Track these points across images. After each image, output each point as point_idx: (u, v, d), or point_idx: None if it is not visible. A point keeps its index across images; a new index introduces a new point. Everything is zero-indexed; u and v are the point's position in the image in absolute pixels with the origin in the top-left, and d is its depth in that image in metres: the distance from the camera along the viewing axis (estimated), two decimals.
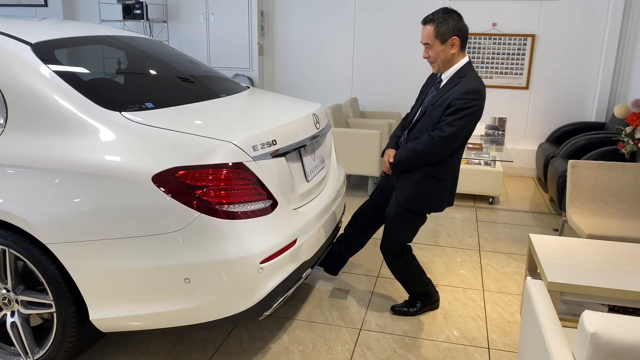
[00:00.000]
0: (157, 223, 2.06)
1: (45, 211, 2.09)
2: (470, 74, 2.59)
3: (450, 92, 2.56)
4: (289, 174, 2.46)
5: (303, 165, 2.66)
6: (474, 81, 2.56)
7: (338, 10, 6.29)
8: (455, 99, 2.52)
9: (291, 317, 2.93)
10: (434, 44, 2.56)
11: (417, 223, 2.82)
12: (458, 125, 2.53)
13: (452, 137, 2.54)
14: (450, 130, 2.53)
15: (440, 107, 2.59)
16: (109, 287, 2.13)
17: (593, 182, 3.38)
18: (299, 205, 2.56)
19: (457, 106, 2.52)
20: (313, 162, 2.79)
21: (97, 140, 2.11)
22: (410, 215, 2.76)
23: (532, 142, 6.06)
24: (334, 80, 6.55)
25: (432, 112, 2.63)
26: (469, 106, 2.51)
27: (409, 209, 2.74)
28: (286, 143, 2.44)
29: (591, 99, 5.80)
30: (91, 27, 2.98)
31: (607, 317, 1.40)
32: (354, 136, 5.10)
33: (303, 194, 2.60)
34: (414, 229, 2.83)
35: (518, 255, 3.83)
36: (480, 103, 2.54)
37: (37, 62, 2.25)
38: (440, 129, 2.56)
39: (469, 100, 2.51)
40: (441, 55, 2.58)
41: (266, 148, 2.29)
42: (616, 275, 2.38)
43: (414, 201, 2.72)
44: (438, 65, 2.63)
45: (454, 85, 2.58)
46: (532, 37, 5.77)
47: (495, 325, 2.90)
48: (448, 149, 2.60)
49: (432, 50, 2.58)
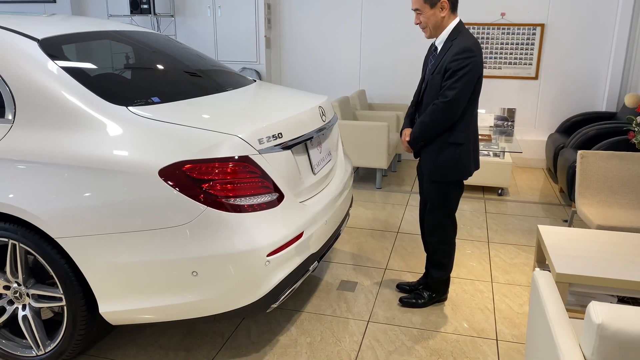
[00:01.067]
0: (165, 217, 2.07)
1: (54, 206, 2.11)
2: (462, 35, 2.60)
3: (445, 57, 2.59)
4: (295, 166, 2.47)
5: (309, 158, 2.66)
6: (464, 40, 2.57)
7: (345, 2, 6.26)
8: (450, 62, 2.55)
9: (299, 309, 2.95)
10: (423, 9, 2.59)
11: (453, 193, 2.80)
12: (458, 87, 2.54)
13: (455, 100, 2.55)
14: (452, 94, 2.54)
15: (439, 74, 2.61)
16: (118, 280, 2.15)
17: (603, 173, 3.35)
18: (305, 198, 2.56)
19: (453, 68, 2.54)
20: (320, 155, 2.78)
21: (104, 135, 2.13)
22: (442, 187, 2.76)
23: (541, 132, 6.01)
24: (341, 72, 6.53)
25: (432, 81, 2.65)
26: (464, 65, 2.52)
27: (441, 181, 2.74)
28: (292, 136, 2.44)
29: (602, 88, 5.74)
30: (98, 23, 2.99)
31: (613, 308, 1.39)
32: (361, 128, 5.09)
33: (310, 186, 2.60)
34: (455, 199, 2.81)
35: (527, 247, 3.81)
36: (475, 59, 2.54)
37: (45, 57, 2.27)
38: (442, 95, 2.58)
39: (463, 59, 2.52)
40: (432, 19, 2.60)
41: (272, 141, 2.30)
42: (625, 266, 2.36)
43: (441, 172, 2.72)
44: (430, 30, 2.64)
45: (448, 49, 2.60)
46: (541, 27, 5.70)
47: (503, 316, 2.89)
48: (456, 113, 2.60)
49: (423, 15, 2.60)
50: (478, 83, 2.62)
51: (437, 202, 2.79)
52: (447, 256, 2.91)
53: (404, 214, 4.48)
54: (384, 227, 4.19)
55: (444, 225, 2.84)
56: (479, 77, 2.61)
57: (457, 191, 2.81)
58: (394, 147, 5.47)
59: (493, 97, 6.02)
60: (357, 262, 3.55)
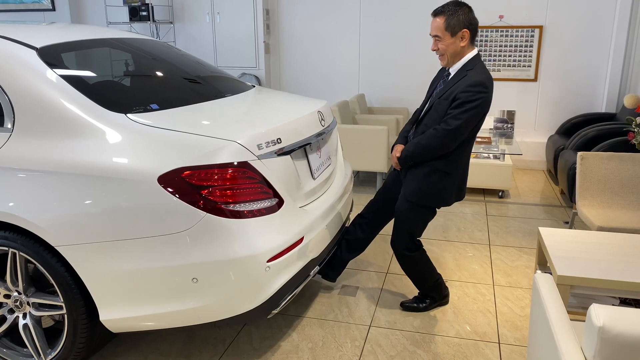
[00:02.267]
0: (164, 223, 2.07)
1: (54, 214, 2.11)
2: (478, 67, 2.57)
3: (457, 86, 2.55)
4: (294, 172, 2.47)
5: (309, 163, 2.66)
6: (480, 74, 2.53)
7: (343, 7, 6.28)
8: (461, 92, 2.51)
9: (301, 314, 2.94)
10: (443, 37, 2.54)
11: (426, 217, 2.80)
12: (463, 119, 2.51)
13: (457, 130, 2.53)
14: (456, 124, 2.52)
15: (446, 101, 2.58)
16: (118, 287, 2.15)
17: (603, 174, 3.34)
18: (305, 203, 2.56)
19: (463, 99, 2.50)
20: (319, 160, 2.78)
21: (103, 143, 2.13)
22: (418, 210, 2.75)
23: (541, 134, 6.01)
24: (341, 76, 6.54)
25: (438, 106, 2.62)
26: (475, 99, 2.49)
27: (417, 203, 2.73)
28: (291, 141, 2.45)
29: (601, 89, 5.74)
30: (97, 30, 3.00)
31: (615, 310, 1.38)
32: (361, 132, 5.09)
33: (309, 191, 2.60)
34: (423, 224, 2.82)
35: (528, 249, 3.81)
36: (486, 96, 2.52)
37: (43, 66, 2.27)
38: (446, 122, 2.55)
39: (475, 92, 2.49)
40: (451, 48, 2.56)
41: (271, 146, 2.30)
42: (627, 268, 2.35)
43: (421, 195, 2.71)
44: (447, 58, 2.60)
45: (461, 78, 2.56)
46: (539, 29, 5.71)
47: (505, 319, 2.88)
48: (454, 143, 2.58)
49: (442, 42, 2.56)
50: (482, 119, 2.61)
51: (410, 222, 2.77)
52: (421, 266, 2.89)
53: None
54: (385, 230, 4.18)
55: (404, 245, 2.82)
56: (485, 114, 2.59)
57: (429, 216, 2.80)
58: None
59: (493, 99, 6.02)
60: (358, 267, 3.54)
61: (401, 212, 2.78)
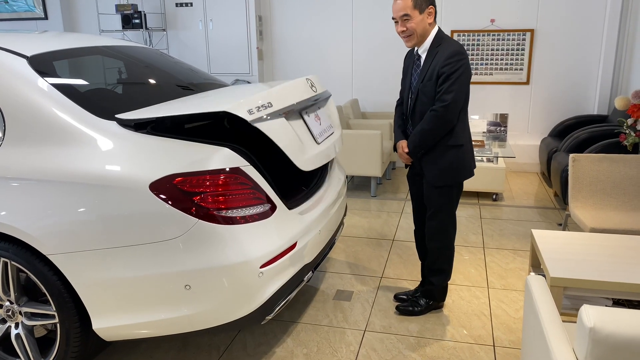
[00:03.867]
0: (156, 230, 2.07)
1: (45, 222, 2.10)
2: (445, 40, 2.64)
3: (435, 63, 2.60)
4: (294, 134, 2.44)
5: (309, 128, 2.64)
6: (452, 44, 2.60)
7: (335, 13, 6.30)
8: (442, 67, 2.56)
9: (295, 320, 2.93)
10: (413, 15, 2.58)
11: (458, 194, 2.83)
12: (455, 89, 2.56)
13: (453, 102, 2.57)
14: (450, 97, 2.56)
15: (430, 81, 2.62)
16: (111, 296, 2.14)
17: (595, 176, 3.36)
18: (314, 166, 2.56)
19: (447, 72, 2.55)
20: (320, 126, 2.76)
21: (94, 150, 2.12)
22: (447, 190, 2.77)
23: (534, 137, 6.04)
24: (334, 82, 6.55)
25: (424, 89, 2.65)
26: (458, 67, 2.55)
27: (444, 185, 2.75)
28: (283, 105, 2.42)
29: (593, 91, 5.77)
30: (90, 38, 3.00)
31: (605, 311, 1.39)
32: (355, 137, 5.10)
33: (316, 155, 2.59)
34: (457, 201, 2.84)
35: (522, 252, 3.81)
36: (466, 62, 2.58)
37: (34, 74, 2.27)
38: (440, 100, 2.58)
39: (455, 62, 2.55)
40: (420, 25, 2.60)
41: (262, 110, 2.26)
42: (619, 269, 2.36)
43: (446, 176, 2.73)
44: (416, 37, 2.63)
45: (435, 55, 2.61)
46: (531, 32, 5.75)
47: (500, 322, 2.88)
48: (455, 115, 2.62)
49: (412, 21, 2.59)
50: (469, 84, 2.66)
51: (442, 206, 2.79)
52: (449, 261, 2.92)
53: (399, 222, 4.47)
54: (380, 235, 4.19)
55: (447, 229, 2.85)
56: (470, 77, 2.64)
57: (459, 192, 2.84)
58: (388, 155, 5.48)
59: (485, 103, 6.05)
60: (353, 271, 3.54)
61: (434, 201, 2.79)
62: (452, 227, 2.86)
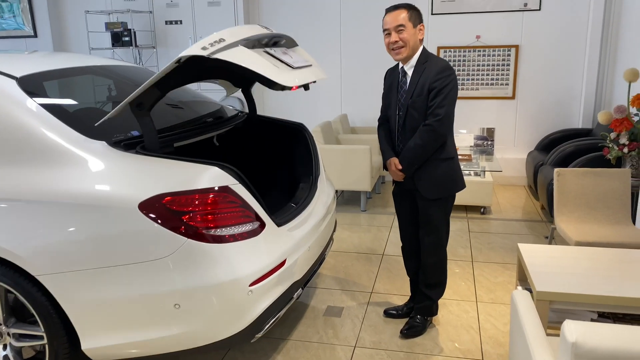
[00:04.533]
0: (146, 250, 2.08)
1: (34, 243, 2.11)
2: (431, 57, 2.70)
3: (424, 78, 2.65)
4: (262, 58, 2.30)
5: (279, 58, 2.47)
6: (439, 60, 2.67)
7: (323, 29, 6.38)
8: (433, 82, 2.61)
9: (285, 337, 2.94)
10: (407, 27, 2.63)
11: (451, 205, 2.88)
12: (447, 103, 2.61)
13: (446, 116, 2.62)
14: (443, 111, 2.60)
15: (420, 97, 2.65)
16: (100, 316, 2.14)
17: (579, 189, 3.42)
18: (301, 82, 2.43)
19: (439, 86, 2.60)
20: (291, 58, 2.59)
21: (83, 170, 2.14)
22: (442, 203, 2.81)
23: (521, 150, 6.11)
24: (323, 97, 6.61)
25: (415, 105, 2.68)
26: (448, 82, 2.61)
27: (440, 198, 2.78)
28: (236, 38, 2.28)
29: (577, 106, 5.87)
30: (79, 58, 3.02)
31: (587, 325, 1.42)
32: (344, 152, 5.14)
33: (297, 75, 2.47)
34: (449, 215, 2.88)
35: (511, 265, 3.85)
36: (455, 76, 2.65)
37: (23, 95, 2.29)
38: (433, 114, 2.62)
39: (446, 77, 2.61)
40: (412, 39, 2.65)
41: (216, 45, 2.16)
42: (604, 282, 2.40)
43: (440, 189, 2.77)
44: (408, 50, 2.67)
45: (422, 71, 2.66)
46: (515, 48, 5.85)
47: (488, 336, 2.91)
48: (448, 129, 2.67)
49: (406, 32, 2.63)
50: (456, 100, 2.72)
51: (438, 220, 2.82)
52: (445, 274, 2.96)
53: (389, 236, 4.50)
54: (370, 250, 4.21)
55: (443, 244, 2.89)
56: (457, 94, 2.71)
57: (452, 204, 2.88)
58: (377, 170, 5.52)
59: (472, 117, 6.13)
60: (343, 287, 3.55)
61: (432, 216, 2.81)
62: (447, 240, 2.91)
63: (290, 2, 6.41)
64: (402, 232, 3.04)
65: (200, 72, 2.73)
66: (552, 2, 5.68)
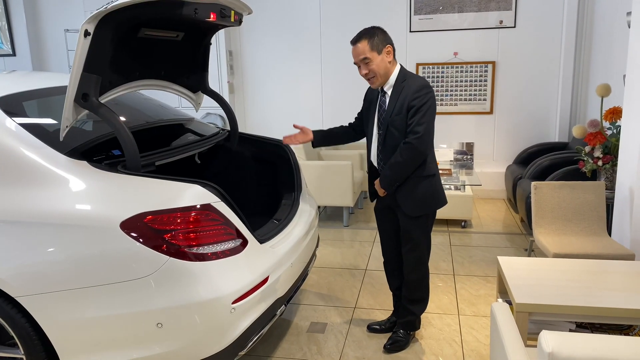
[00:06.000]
0: (128, 269, 2.07)
1: (14, 264, 2.09)
2: (409, 76, 2.74)
3: (403, 97, 2.68)
4: None
5: None
6: (417, 79, 2.72)
7: (304, 46, 6.45)
8: (412, 100, 2.65)
9: (269, 354, 2.93)
10: (372, 57, 2.66)
11: (432, 222, 2.91)
12: (426, 121, 2.65)
13: (426, 133, 2.65)
14: (422, 128, 2.64)
15: (399, 115, 2.69)
16: (82, 336, 2.12)
17: (556, 202, 3.49)
18: None
19: (417, 105, 2.64)
20: None
21: (64, 190, 2.13)
22: (423, 220, 2.84)
23: (500, 164, 6.22)
24: (305, 113, 6.66)
25: (394, 123, 2.72)
26: (427, 100, 2.64)
27: (421, 215, 2.81)
28: None
29: (553, 120, 6.01)
30: (58, 77, 3.02)
31: (563, 336, 1.45)
32: (326, 168, 5.18)
33: None
34: (430, 232, 2.91)
35: (492, 277, 3.90)
36: (433, 94, 2.69)
37: (3, 116, 2.28)
38: (413, 132, 2.65)
39: (424, 95, 2.64)
40: (381, 66, 2.68)
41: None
42: (581, 293, 2.45)
43: (422, 206, 2.80)
44: (379, 78, 2.72)
45: (401, 90, 2.70)
46: (492, 64, 5.99)
47: (471, 349, 2.93)
48: (428, 146, 2.70)
49: (372, 63, 2.67)
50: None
51: (419, 237, 2.85)
52: (427, 289, 2.98)
53: (371, 251, 4.53)
54: (352, 265, 4.23)
55: (425, 260, 2.92)
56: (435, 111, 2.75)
57: (433, 221, 2.92)
58: (359, 185, 5.56)
59: (451, 132, 6.23)
60: (327, 302, 3.56)
61: (413, 233, 2.84)
62: (428, 256, 2.94)
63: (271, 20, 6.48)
64: (384, 248, 3.08)
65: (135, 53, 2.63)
66: (527, 20, 5.84)
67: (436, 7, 6.00)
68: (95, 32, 2.13)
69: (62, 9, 6.76)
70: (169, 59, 2.93)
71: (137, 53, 2.64)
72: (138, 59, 2.69)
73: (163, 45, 2.79)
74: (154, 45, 2.73)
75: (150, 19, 2.43)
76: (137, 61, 2.68)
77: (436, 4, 5.99)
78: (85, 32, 2.10)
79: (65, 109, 2.20)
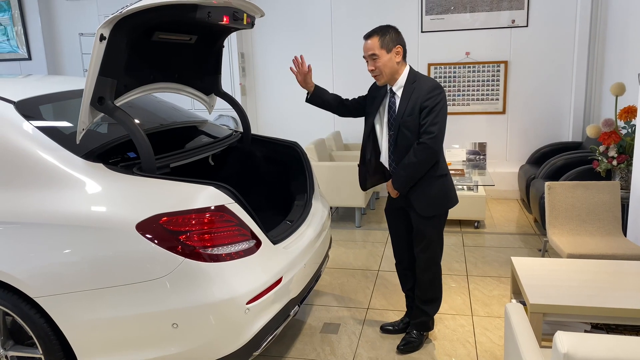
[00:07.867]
0: (144, 270, 2.10)
1: (32, 265, 2.12)
2: (420, 77, 2.75)
3: (415, 98, 2.68)
4: None
5: None
6: (428, 80, 2.72)
7: (315, 47, 6.47)
8: (425, 100, 2.65)
9: (283, 355, 2.94)
10: (380, 54, 2.67)
11: (444, 223, 2.92)
12: (440, 121, 2.66)
13: (440, 133, 2.66)
14: (436, 128, 2.65)
15: (412, 116, 2.69)
16: (98, 337, 2.15)
17: (570, 202, 3.47)
18: None
19: (430, 105, 2.64)
20: None
21: (81, 192, 2.17)
22: (436, 220, 2.85)
23: (513, 164, 6.18)
24: (316, 114, 6.65)
25: (406, 124, 2.71)
26: (439, 100, 2.65)
27: (434, 215, 2.82)
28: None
29: (566, 119, 5.96)
30: (74, 81, 3.06)
31: (578, 337, 1.45)
32: (338, 169, 5.18)
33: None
34: (442, 231, 2.92)
35: (505, 278, 3.88)
36: (444, 94, 2.70)
37: (20, 119, 2.32)
38: (427, 132, 2.66)
39: (437, 95, 2.65)
40: (388, 65, 2.69)
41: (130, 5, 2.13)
42: (596, 294, 2.43)
43: (435, 206, 2.81)
44: (385, 76, 2.72)
45: (412, 91, 2.70)
46: (505, 64, 5.95)
47: (484, 349, 2.92)
48: (441, 146, 2.72)
49: (379, 60, 2.68)
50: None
51: (432, 237, 2.86)
52: (440, 289, 2.99)
53: (384, 252, 4.53)
54: (365, 266, 4.23)
55: (438, 260, 2.92)
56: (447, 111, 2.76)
57: (445, 221, 2.92)
58: None
59: (464, 132, 6.20)
60: (340, 303, 3.57)
61: (426, 233, 2.84)
62: (441, 256, 2.95)
63: (282, 22, 6.50)
64: (396, 249, 3.08)
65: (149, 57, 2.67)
66: (539, 19, 5.80)
67: (447, 7, 5.98)
68: (111, 36, 2.16)
69: (76, 13, 6.84)
70: (182, 62, 2.96)
71: (151, 56, 2.68)
72: (152, 62, 2.72)
73: (177, 49, 2.83)
74: (167, 49, 2.77)
75: (164, 23, 2.46)
76: (151, 64, 2.72)
77: (448, 4, 5.97)
78: (101, 36, 2.14)
79: (82, 112, 2.24)
